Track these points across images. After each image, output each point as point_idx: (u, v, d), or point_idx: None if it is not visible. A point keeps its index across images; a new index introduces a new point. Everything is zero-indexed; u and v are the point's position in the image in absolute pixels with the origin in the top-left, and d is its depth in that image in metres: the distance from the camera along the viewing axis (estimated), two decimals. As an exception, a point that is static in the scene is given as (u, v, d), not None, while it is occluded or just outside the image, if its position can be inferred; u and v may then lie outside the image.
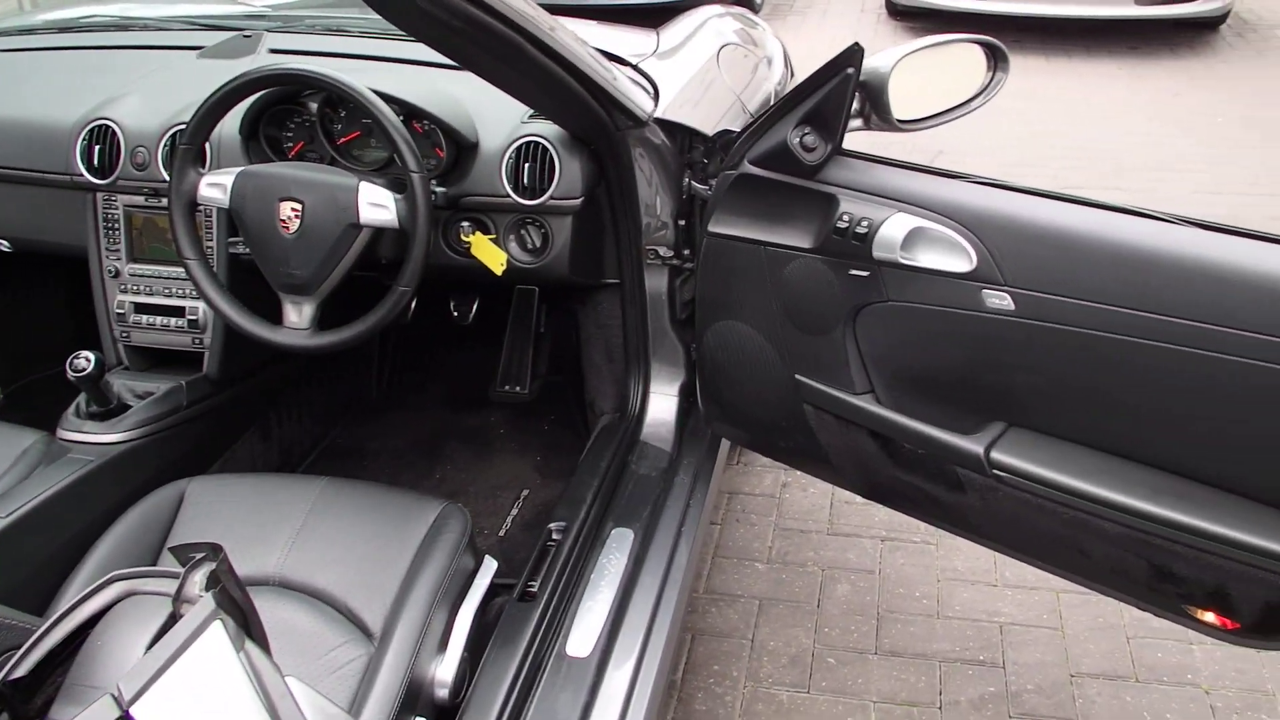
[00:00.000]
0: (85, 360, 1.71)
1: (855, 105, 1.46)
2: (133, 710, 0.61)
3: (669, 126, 1.76)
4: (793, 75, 2.70)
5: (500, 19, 1.25)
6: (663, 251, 1.83)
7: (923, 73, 1.50)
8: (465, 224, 1.79)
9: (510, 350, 2.42)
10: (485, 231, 1.80)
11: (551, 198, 1.73)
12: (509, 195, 1.74)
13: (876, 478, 1.62)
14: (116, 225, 1.95)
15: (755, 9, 6.75)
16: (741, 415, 1.76)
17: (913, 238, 1.37)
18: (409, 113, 1.72)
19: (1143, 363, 1.22)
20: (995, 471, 1.38)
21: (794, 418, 1.64)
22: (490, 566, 1.53)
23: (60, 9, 2.44)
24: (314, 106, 1.81)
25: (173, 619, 0.74)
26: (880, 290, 1.43)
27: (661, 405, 1.92)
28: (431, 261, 1.68)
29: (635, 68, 1.92)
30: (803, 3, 7.51)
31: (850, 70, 1.36)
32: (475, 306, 2.52)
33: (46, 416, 1.81)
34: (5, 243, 2.06)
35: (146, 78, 2.01)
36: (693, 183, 1.79)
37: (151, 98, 1.94)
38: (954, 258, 1.34)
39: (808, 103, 1.43)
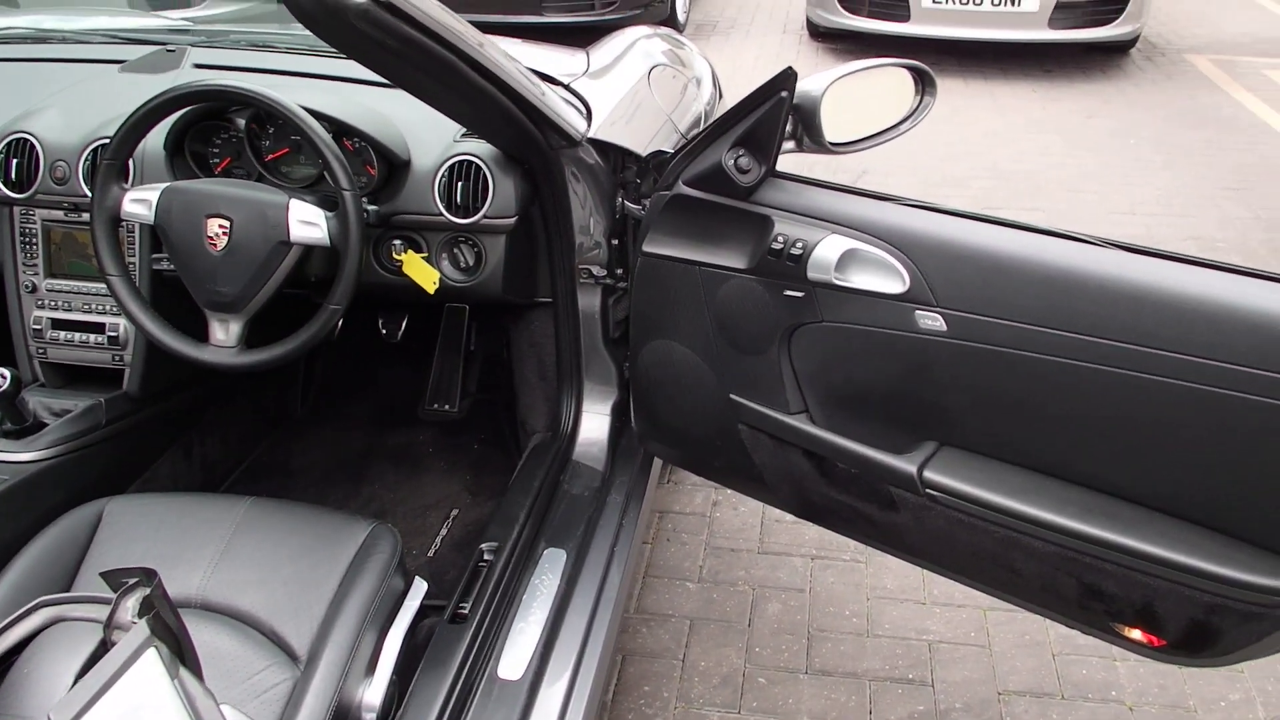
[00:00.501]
0: (1, 378, 1.67)
1: (788, 128, 1.50)
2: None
3: (602, 146, 1.79)
4: (721, 96, 2.74)
5: (435, 38, 1.26)
6: (595, 270, 1.85)
7: (853, 96, 1.54)
8: (397, 242, 1.79)
9: (440, 368, 2.41)
10: (417, 250, 1.80)
11: (485, 216, 1.74)
12: (442, 214, 1.75)
13: (810, 497, 1.64)
14: (34, 240, 1.91)
15: (679, 29, 6.83)
16: (675, 434, 1.79)
17: (846, 259, 1.40)
18: (339, 130, 1.72)
19: (1070, 382, 1.25)
20: (928, 491, 1.40)
21: (728, 437, 1.66)
22: (420, 588, 1.52)
23: None
24: (241, 122, 1.80)
25: (104, 646, 0.73)
26: (815, 311, 1.46)
27: (594, 424, 1.94)
28: (363, 279, 1.68)
29: (567, 87, 1.94)
30: (725, 23, 7.59)
31: (784, 94, 1.40)
32: (404, 324, 2.51)
33: None
34: None
35: (66, 91, 1.98)
36: (626, 202, 1.81)
37: (72, 111, 1.91)
38: (887, 279, 1.37)
39: (742, 125, 1.46)
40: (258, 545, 1.50)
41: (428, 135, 1.78)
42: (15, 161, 1.86)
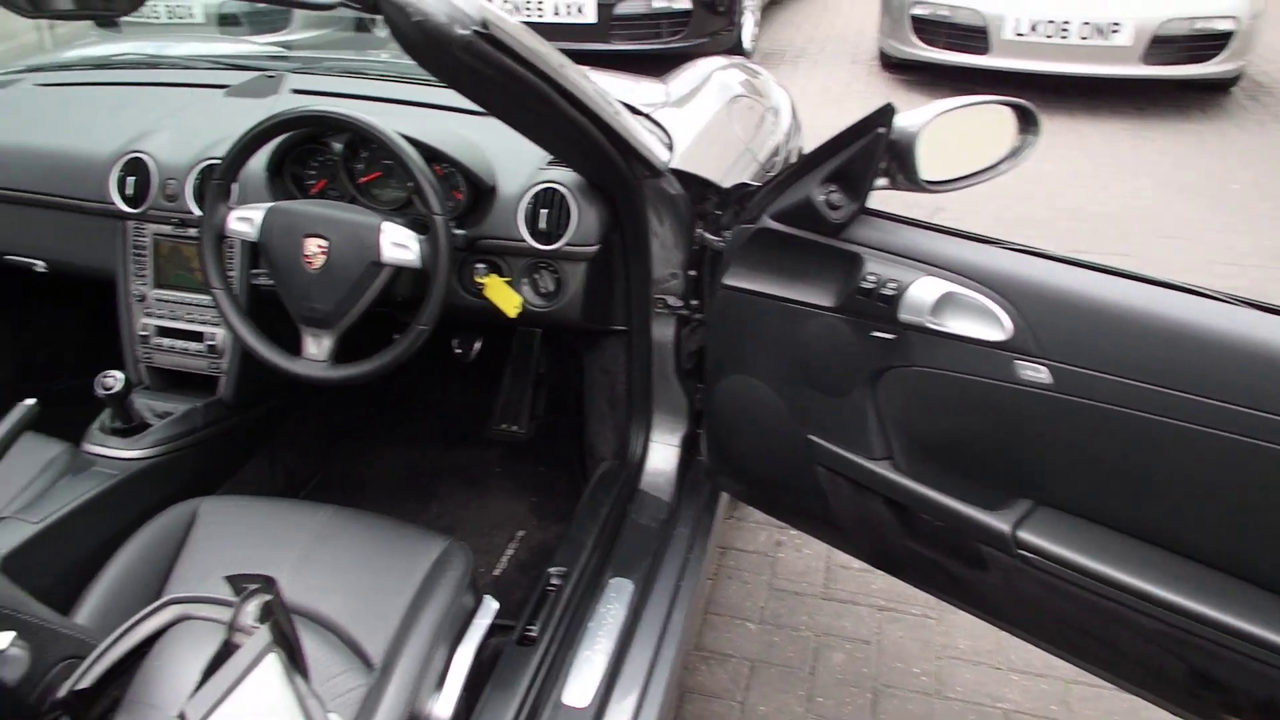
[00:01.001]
0: (114, 379, 1.79)
1: (881, 164, 1.47)
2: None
3: (683, 177, 1.83)
4: (799, 127, 2.78)
5: (532, 70, 1.31)
6: (671, 301, 1.89)
7: (948, 133, 1.50)
8: (480, 266, 1.86)
9: (509, 389, 2.47)
10: (500, 274, 1.87)
11: (567, 244, 1.80)
12: (525, 240, 1.81)
13: (889, 546, 1.61)
14: (145, 252, 2.02)
15: (746, 58, 6.87)
16: (747, 471, 1.80)
17: (943, 302, 1.37)
18: (429, 155, 1.80)
19: (1188, 448, 1.18)
20: (1021, 551, 1.35)
21: (804, 478, 1.65)
22: (491, 606, 1.56)
23: (84, 46, 2.53)
24: (338, 146, 1.89)
25: (227, 647, 0.80)
26: (905, 354, 1.43)
27: (662, 455, 1.97)
28: (447, 301, 1.74)
29: (649, 117, 1.99)
30: (793, 52, 7.54)
31: (882, 129, 1.38)
32: (479, 345, 2.59)
33: (67, 428, 1.87)
34: (41, 263, 2.15)
35: (176, 113, 2.10)
36: (705, 234, 1.83)
37: (182, 133, 2.02)
38: (986, 325, 1.33)
39: (835, 160, 1.45)
40: (337, 553, 1.57)
41: (514, 162, 1.85)
42: (131, 179, 1.99)
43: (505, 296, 1.84)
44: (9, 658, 0.79)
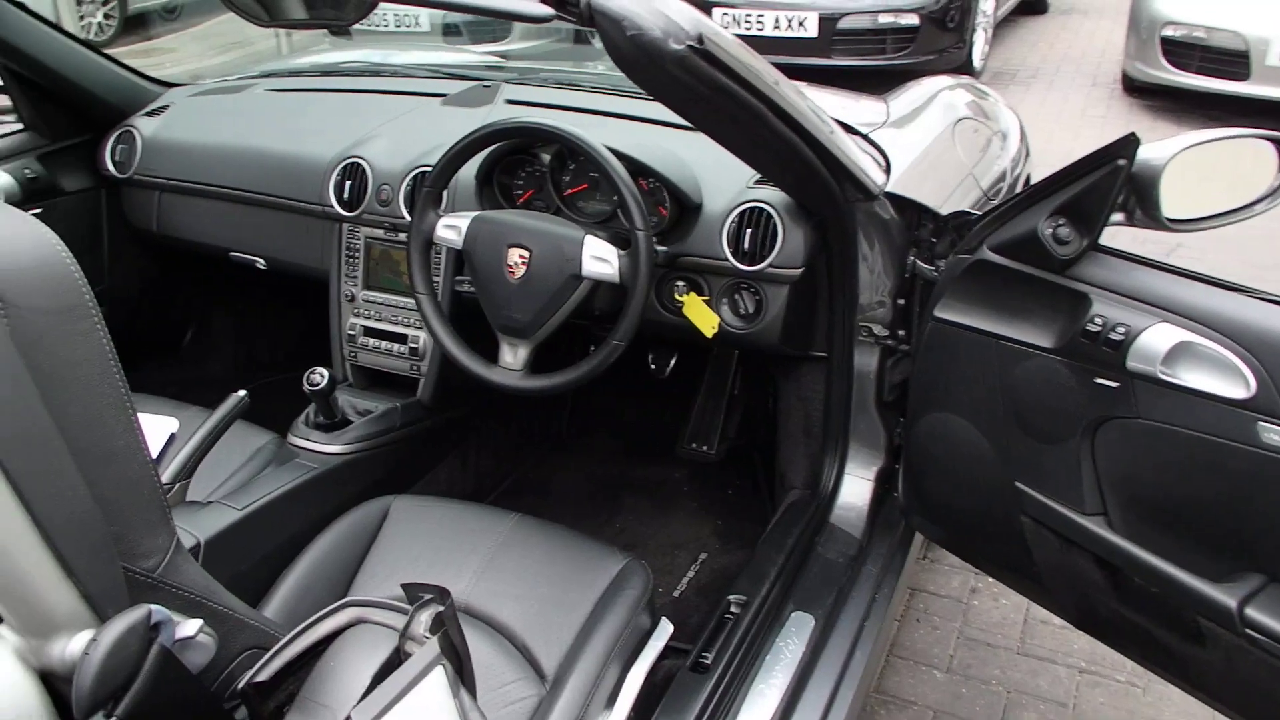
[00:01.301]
0: (320, 376, 1.87)
1: (1119, 198, 1.38)
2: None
3: (898, 201, 1.76)
4: (1028, 153, 2.64)
5: (746, 86, 1.28)
6: (877, 329, 1.82)
7: (1196, 167, 1.40)
8: (680, 283, 1.84)
9: (702, 409, 2.46)
10: (700, 292, 1.84)
11: (771, 265, 1.76)
12: (728, 259, 1.78)
13: (1094, 607, 1.53)
14: (357, 254, 2.11)
15: (975, 77, 6.61)
16: (944, 513, 1.72)
17: (1178, 352, 1.28)
18: (636, 170, 1.79)
19: None
20: (1248, 630, 1.25)
21: (1006, 527, 1.57)
22: (666, 629, 1.54)
23: (317, 54, 2.69)
24: (546, 158, 1.92)
25: (398, 654, 0.80)
26: (1130, 405, 1.34)
27: (856, 488, 1.90)
28: (644, 317, 1.74)
29: (865, 137, 1.93)
30: (1026, 72, 7.20)
31: (1122, 161, 1.30)
32: (673, 362, 2.58)
33: (273, 419, 1.98)
34: (261, 261, 2.29)
35: (394, 121, 2.18)
36: (918, 262, 1.77)
37: (398, 140, 2.10)
38: (1226, 381, 1.24)
39: (1066, 192, 1.36)
40: (520, 561, 1.59)
41: (721, 179, 1.83)
42: (349, 183, 2.08)
43: (703, 316, 1.82)
44: (196, 644, 0.82)
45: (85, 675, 0.70)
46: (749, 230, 1.77)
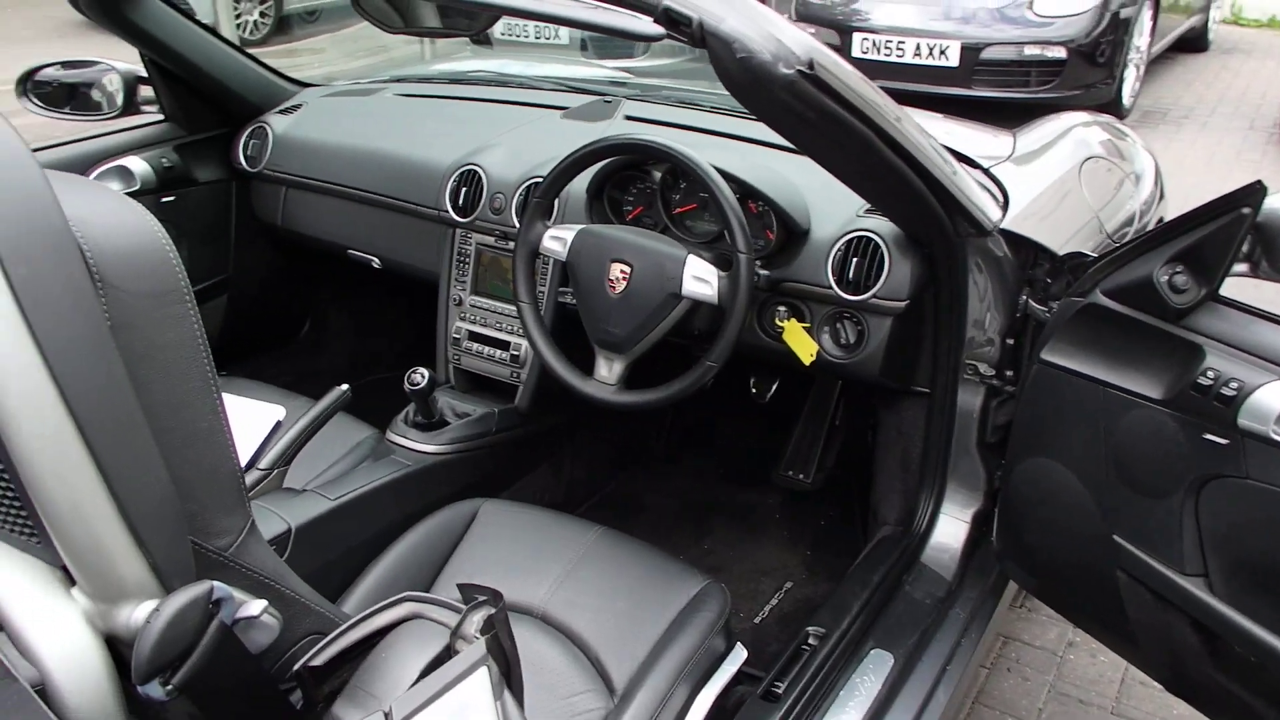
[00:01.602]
0: (421, 376, 1.93)
1: (1244, 248, 1.33)
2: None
3: (1014, 239, 1.72)
4: (1163, 196, 2.55)
5: (855, 113, 1.28)
6: (983, 368, 1.78)
7: None
8: (781, 308, 1.83)
9: (801, 436, 2.44)
10: (800, 319, 1.83)
11: (875, 296, 1.74)
12: (831, 287, 1.77)
13: (1188, 673, 1.47)
14: (467, 260, 2.17)
15: (1122, 115, 6.40)
16: (1038, 562, 1.67)
17: None
18: (746, 192, 1.80)
19: None
20: None
21: (1100, 581, 1.52)
22: (740, 655, 1.54)
23: (454, 61, 2.76)
24: (657, 175, 1.94)
25: (447, 651, 0.82)
26: (1239, 464, 1.29)
27: (950, 529, 1.86)
28: (743, 339, 1.74)
29: (986, 171, 1.90)
30: (1178, 111, 6.92)
31: (1246, 210, 1.25)
32: (775, 387, 2.56)
33: (378, 414, 2.04)
34: (376, 260, 2.37)
35: (514, 131, 2.24)
36: (1030, 301, 1.73)
37: (515, 150, 2.15)
38: None
39: (1186, 238, 1.32)
40: (600, 574, 1.60)
41: (831, 206, 1.81)
42: (464, 190, 2.13)
43: (802, 342, 1.81)
44: (260, 623, 0.85)
45: (145, 642, 0.73)
46: (855, 259, 1.75)
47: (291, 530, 1.65)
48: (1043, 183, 1.98)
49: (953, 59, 6.06)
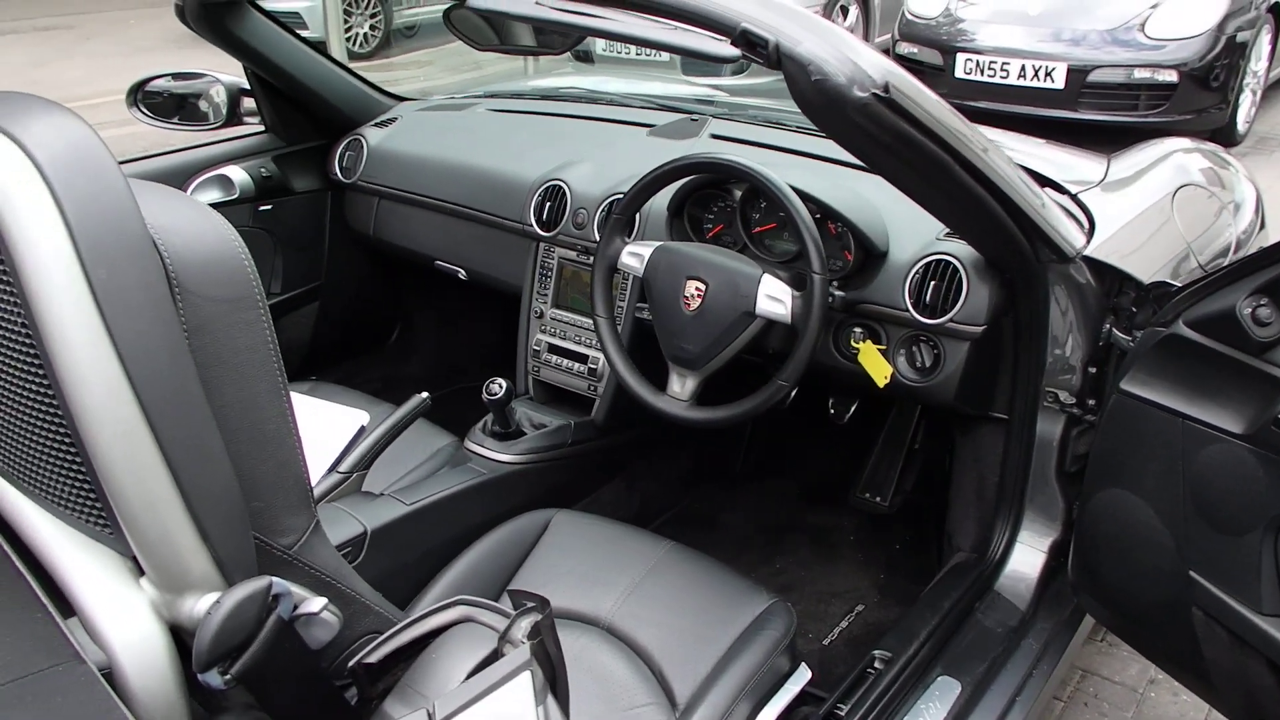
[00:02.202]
0: (498, 386, 1.98)
1: None
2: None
3: (1097, 266, 1.71)
4: (1263, 227, 2.47)
5: (930, 137, 1.28)
6: (1063, 396, 1.76)
7: None
8: (858, 330, 1.84)
9: (879, 459, 2.42)
10: (876, 341, 1.83)
11: (952, 320, 1.73)
12: (908, 310, 1.77)
13: (1264, 714, 1.43)
14: (550, 273, 2.22)
15: (1235, 141, 6.18)
16: (1113, 595, 1.64)
17: None
18: (825, 213, 1.81)
19: None
20: None
21: (1176, 618, 1.49)
22: (804, 675, 1.55)
23: (555, 76, 2.82)
24: (737, 194, 1.96)
25: (494, 656, 0.84)
26: None
27: (1026, 558, 1.85)
28: (818, 360, 1.76)
29: (1073, 197, 1.87)
30: None
31: None
32: (854, 408, 2.55)
33: (460, 422, 2.10)
34: (462, 271, 2.44)
35: (600, 147, 2.29)
36: (1114, 330, 1.71)
37: (600, 166, 2.20)
38: None
39: (1270, 270, 1.29)
40: (667, 588, 1.62)
41: (910, 228, 1.82)
42: (548, 205, 2.19)
43: (876, 364, 1.80)
44: (320, 620, 0.89)
45: (205, 633, 0.77)
46: (933, 282, 1.75)
47: (367, 533, 1.71)
48: (1132, 210, 1.95)
49: (1058, 81, 5.95)
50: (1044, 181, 1.89)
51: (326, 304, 2.65)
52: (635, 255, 1.87)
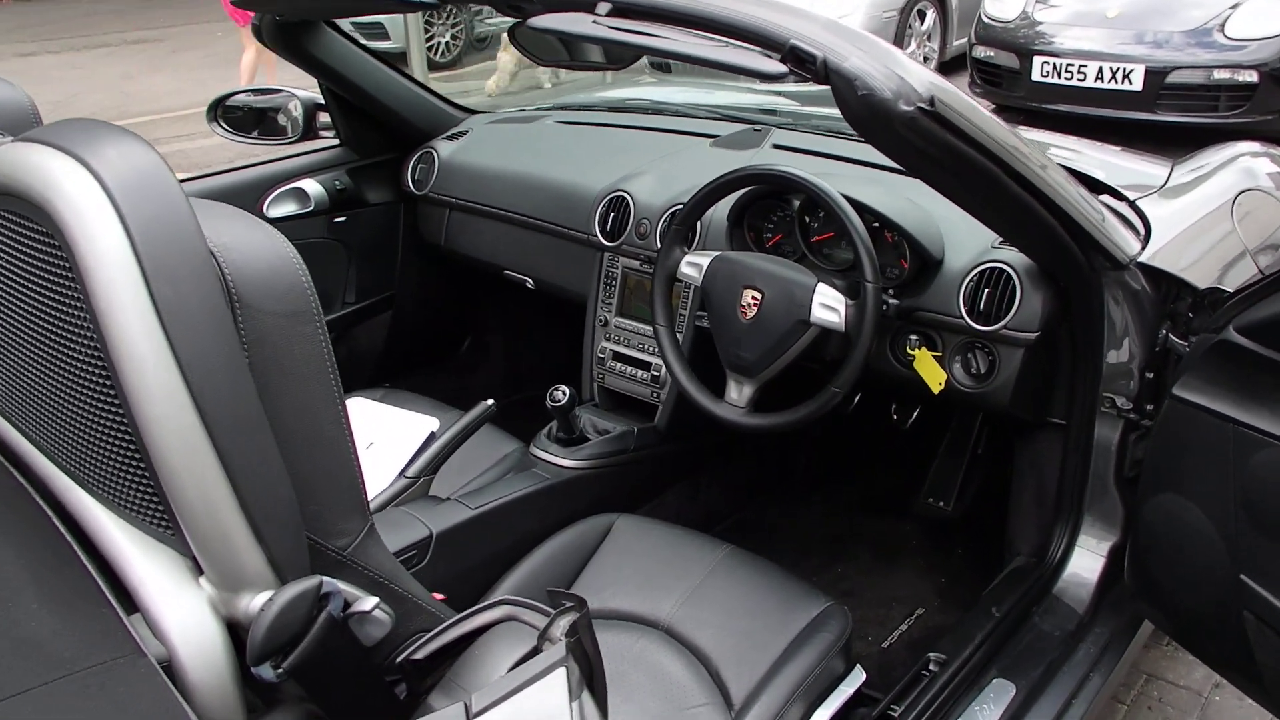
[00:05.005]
0: (561, 394, 2.03)
1: None
2: (479, 728, 0.74)
3: (1152, 273, 1.71)
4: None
5: (979, 149, 1.29)
6: (1120, 402, 1.77)
7: None
8: (913, 337, 1.86)
9: (942, 465, 2.41)
10: (932, 348, 1.85)
11: (1005, 327, 1.75)
12: (962, 318, 1.79)
13: None
14: (614, 282, 2.27)
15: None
16: (1167, 599, 1.65)
17: None
18: (882, 222, 1.82)
19: None
20: None
21: (1228, 621, 1.50)
22: (858, 677, 1.57)
23: (634, 87, 2.85)
24: (796, 204, 1.99)
25: (534, 652, 0.87)
26: None
27: (1084, 563, 1.85)
28: (875, 366, 1.80)
29: (1131, 203, 1.86)
30: None
31: None
32: (916, 414, 2.54)
33: (529, 429, 2.16)
34: (530, 281, 2.50)
35: (664, 158, 2.33)
36: (1171, 336, 1.71)
37: (663, 177, 2.24)
38: None
39: None
40: (725, 591, 1.66)
41: (965, 237, 1.84)
42: (612, 215, 2.23)
43: (931, 371, 1.82)
44: (372, 619, 0.93)
45: (259, 628, 0.82)
46: (986, 290, 1.77)
47: (433, 536, 1.76)
48: (1192, 216, 1.96)
49: (1136, 83, 5.85)
50: (1100, 187, 1.87)
51: (400, 313, 2.73)
52: (694, 265, 1.90)
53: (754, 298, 1.81)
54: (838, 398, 1.75)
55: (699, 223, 2.08)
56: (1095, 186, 1.91)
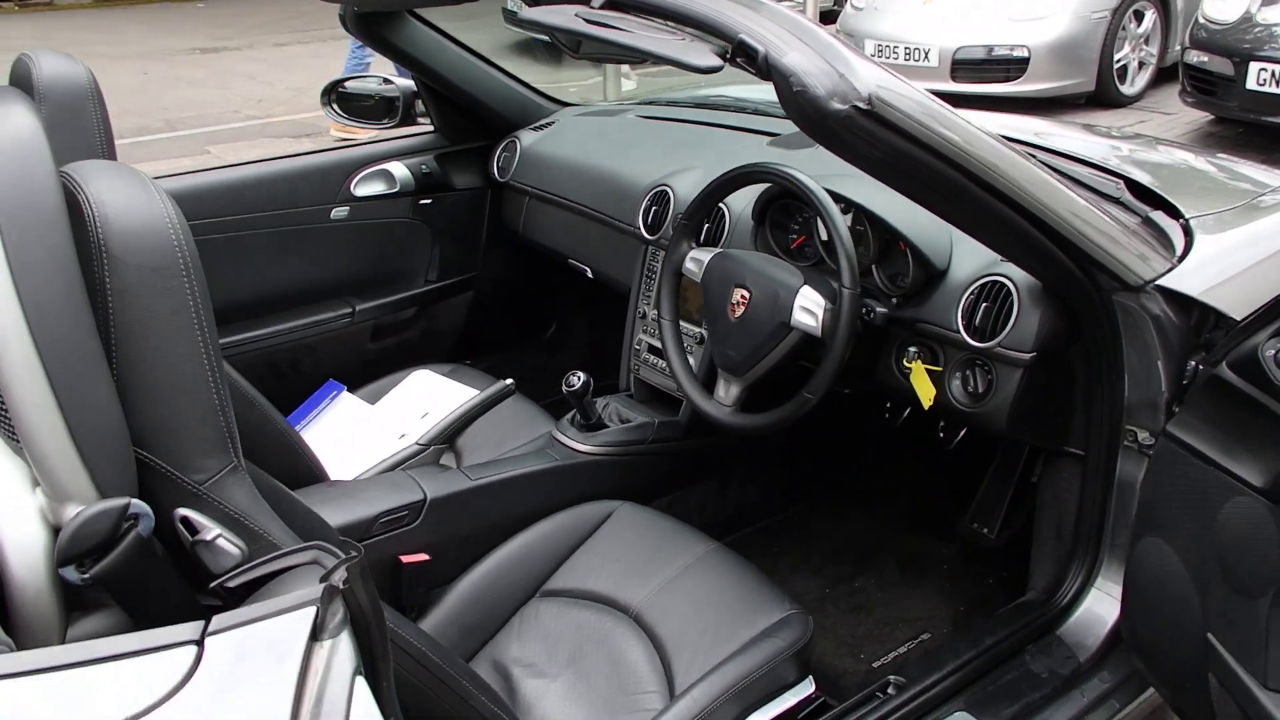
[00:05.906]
0: (576, 379, 2.06)
1: None
2: (207, 642, 0.80)
3: (1178, 297, 1.56)
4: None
5: (930, 152, 1.24)
6: (1143, 436, 1.63)
7: None
8: (913, 349, 1.79)
9: (989, 489, 2.30)
10: (934, 361, 1.78)
11: (999, 344, 1.65)
12: (958, 331, 1.71)
13: None
14: (654, 276, 2.28)
15: None
16: (1147, 650, 1.52)
17: None
18: (889, 232, 1.77)
19: None
20: None
21: (1196, 682, 1.38)
22: (806, 688, 1.55)
23: (728, 86, 2.88)
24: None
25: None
26: None
27: (1098, 606, 1.73)
28: (878, 377, 1.76)
29: (1184, 221, 1.72)
30: None
31: None
32: (962, 434, 2.45)
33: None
34: (589, 270, 2.55)
35: (718, 155, 2.32)
36: (1200, 368, 1.55)
37: (709, 172, 2.22)
38: None
39: None
40: (698, 585, 1.66)
41: (973, 248, 1.74)
42: (655, 209, 2.25)
43: (923, 385, 1.76)
44: (216, 547, 1.02)
45: (64, 534, 0.92)
46: (985, 304, 1.67)
47: (426, 500, 1.83)
48: (1243, 233, 1.76)
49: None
50: (1143, 191, 1.77)
51: (480, 294, 2.83)
52: (696, 261, 1.91)
53: (742, 296, 1.79)
54: (810, 404, 1.71)
55: (725, 220, 2.07)
56: (1142, 193, 1.79)
